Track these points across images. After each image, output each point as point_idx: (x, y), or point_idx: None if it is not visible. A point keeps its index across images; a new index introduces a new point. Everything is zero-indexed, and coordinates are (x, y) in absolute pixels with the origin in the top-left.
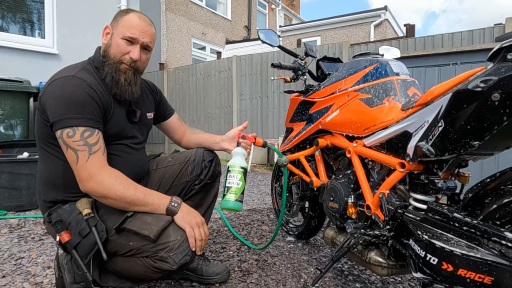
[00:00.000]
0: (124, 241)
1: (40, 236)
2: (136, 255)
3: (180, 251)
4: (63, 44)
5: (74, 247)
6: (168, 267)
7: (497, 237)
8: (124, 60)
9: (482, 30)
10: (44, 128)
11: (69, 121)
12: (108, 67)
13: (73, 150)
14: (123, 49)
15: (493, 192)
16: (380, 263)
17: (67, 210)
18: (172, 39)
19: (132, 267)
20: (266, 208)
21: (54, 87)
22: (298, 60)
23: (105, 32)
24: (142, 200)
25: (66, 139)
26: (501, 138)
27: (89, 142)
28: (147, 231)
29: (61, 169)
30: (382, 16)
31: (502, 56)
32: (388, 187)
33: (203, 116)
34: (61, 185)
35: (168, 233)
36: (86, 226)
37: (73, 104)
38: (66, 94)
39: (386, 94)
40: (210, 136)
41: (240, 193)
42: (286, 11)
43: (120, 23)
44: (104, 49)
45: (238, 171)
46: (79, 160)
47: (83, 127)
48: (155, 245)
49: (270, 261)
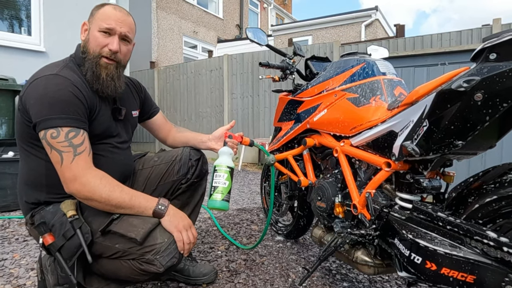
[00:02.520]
0: (110, 243)
1: (25, 237)
2: (122, 257)
3: (167, 253)
4: (50, 42)
5: (58, 250)
6: (154, 269)
7: (479, 236)
8: (103, 53)
9: (470, 31)
10: (25, 128)
11: (53, 121)
12: (88, 62)
13: (57, 151)
14: (101, 41)
15: (476, 191)
16: (366, 262)
17: (50, 211)
18: (163, 38)
19: (118, 269)
20: (255, 208)
21: (36, 86)
22: (286, 59)
23: (83, 29)
24: (128, 203)
25: (50, 140)
26: (484, 137)
27: (74, 143)
28: (133, 233)
29: (43, 169)
30: (373, 16)
31: (484, 56)
32: (374, 186)
33: (194, 115)
34: (43, 186)
35: (155, 235)
36: (70, 228)
37: (57, 104)
38: (49, 93)
39: (373, 94)
40: (197, 135)
41: (227, 193)
42: (278, 10)
43: (96, 16)
44: (83, 45)
45: (224, 170)
46: (63, 161)
47: (67, 128)
48: (141, 248)
49: (259, 260)
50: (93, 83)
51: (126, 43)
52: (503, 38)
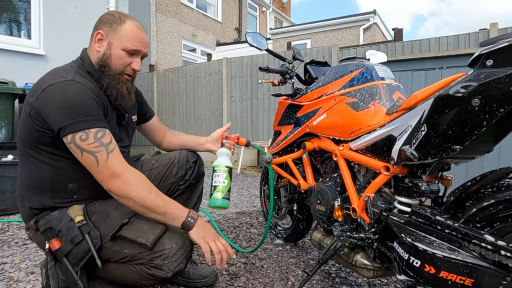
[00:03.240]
0: (119, 248)
1: (24, 241)
2: (131, 262)
3: (175, 259)
4: (50, 45)
5: (65, 255)
6: (163, 274)
7: (477, 240)
8: (127, 71)
9: (467, 35)
10: (35, 133)
11: (80, 124)
12: (111, 78)
13: (90, 152)
14: (125, 61)
15: (474, 195)
16: (366, 266)
17: (56, 216)
18: (162, 41)
19: (125, 274)
20: (255, 211)
21: (52, 92)
22: (286, 63)
23: (96, 38)
24: (162, 208)
25: (80, 143)
26: (482, 142)
27: (104, 142)
28: (144, 239)
29: (48, 174)
30: (371, 20)
31: (481, 62)
32: (373, 190)
33: (193, 118)
34: (47, 191)
35: (164, 241)
36: (78, 234)
37: (79, 108)
38: (69, 98)
39: (372, 98)
40: (194, 138)
41: (227, 191)
42: (277, 14)
43: (119, 33)
44: (101, 58)
45: (223, 170)
46: (99, 161)
47: (94, 129)
48: (150, 253)
49: (258, 264)
50: (116, 98)
51: (142, 60)
52: (499, 45)
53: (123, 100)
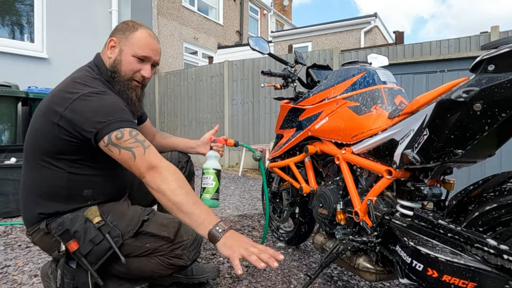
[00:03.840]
0: (140, 244)
1: (27, 244)
2: (151, 254)
3: (192, 248)
4: (53, 48)
5: (84, 255)
6: (183, 263)
7: (480, 244)
8: (136, 77)
9: (468, 38)
10: (58, 142)
11: (114, 124)
12: (120, 84)
13: (127, 149)
14: (135, 67)
15: (476, 199)
16: (368, 269)
17: (69, 218)
18: (164, 44)
19: (144, 266)
20: (257, 214)
21: (88, 102)
22: (288, 67)
23: (109, 45)
24: (190, 207)
25: (116, 141)
26: (484, 146)
27: (139, 139)
28: (166, 232)
29: (64, 181)
30: (372, 23)
31: (483, 67)
32: (375, 193)
33: (194, 121)
34: (63, 197)
35: (181, 233)
36: (99, 234)
37: (114, 111)
38: (105, 105)
39: (374, 102)
40: (185, 141)
41: (215, 192)
42: (278, 17)
43: (131, 40)
44: (112, 64)
45: (211, 172)
46: (136, 155)
47: (128, 128)
48: (172, 244)
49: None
50: (126, 104)
51: (153, 67)
52: (501, 50)
53: (133, 107)
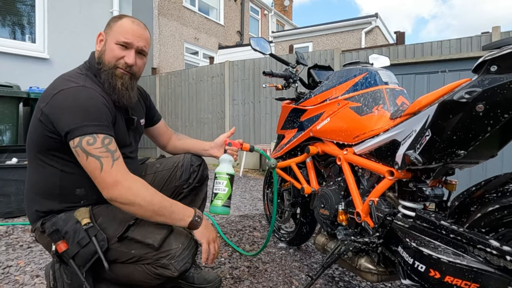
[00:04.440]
0: (126, 249)
1: (29, 244)
2: (137, 262)
3: (181, 258)
4: (54, 49)
5: (72, 257)
6: (169, 273)
7: (482, 245)
8: (119, 64)
9: (469, 39)
10: (45, 139)
11: (88, 128)
12: (104, 73)
13: (95, 157)
14: (117, 53)
15: (478, 200)
16: (370, 270)
17: (62, 219)
18: (164, 44)
19: (131, 274)
20: (258, 214)
21: (64, 97)
22: (289, 68)
23: (98, 39)
24: (169, 209)
25: (86, 147)
26: (486, 147)
27: (110, 149)
28: (151, 239)
29: (58, 179)
30: (373, 23)
31: (485, 68)
32: (377, 194)
33: (195, 121)
34: (57, 195)
35: (170, 241)
36: (85, 236)
37: (90, 112)
38: (80, 103)
39: (376, 103)
40: (199, 143)
41: (227, 199)
42: (279, 17)
43: (114, 28)
44: (98, 56)
45: (224, 177)
46: (103, 166)
47: (102, 134)
48: (157, 253)
49: (262, 267)
50: (110, 93)
51: (141, 56)
52: (504, 51)
53: (119, 96)
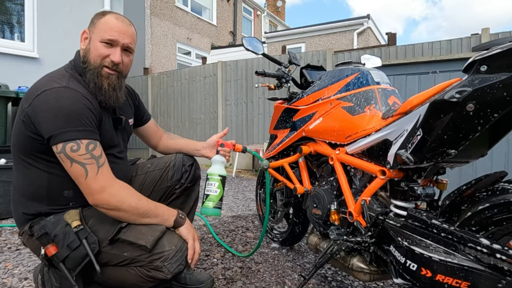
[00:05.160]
0: (118, 252)
1: (17, 246)
2: (130, 265)
3: (175, 260)
4: (44, 48)
5: (62, 260)
6: (163, 276)
7: (473, 243)
8: (105, 63)
9: (460, 40)
10: (28, 140)
11: (71, 134)
12: (90, 73)
13: (80, 164)
14: (103, 52)
15: (468, 199)
16: (362, 269)
17: (51, 221)
18: (156, 44)
19: (123, 277)
20: (250, 215)
21: (46, 99)
22: (282, 68)
23: (83, 37)
24: (154, 211)
25: (71, 154)
26: (476, 146)
27: (95, 154)
28: (143, 241)
29: (44, 181)
30: (365, 24)
31: (475, 68)
32: (369, 194)
33: (188, 121)
34: (44, 198)
35: (163, 243)
36: (76, 239)
37: (72, 117)
38: (63, 106)
39: (367, 103)
40: (190, 142)
41: (218, 200)
42: (272, 18)
43: (98, 26)
44: (83, 55)
45: (216, 179)
46: (88, 173)
47: (86, 140)
48: (150, 255)
49: (254, 268)
50: (96, 93)
51: (127, 53)
52: (493, 51)
53: (104, 96)
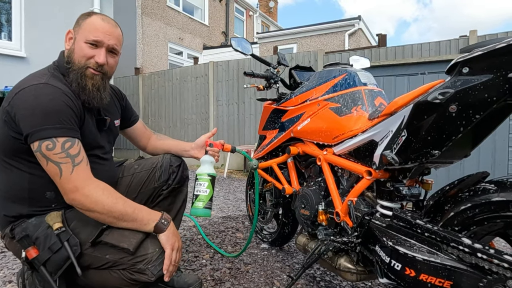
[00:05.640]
0: (100, 254)
1: (2, 249)
2: (112, 267)
3: (158, 263)
4: (32, 47)
5: (43, 263)
6: (146, 279)
7: (455, 243)
8: (89, 64)
9: (448, 42)
10: (11, 141)
11: (47, 131)
12: (73, 73)
13: (55, 163)
14: (87, 53)
15: (452, 199)
16: (349, 269)
17: (33, 224)
18: (148, 44)
19: (106, 280)
20: (241, 215)
21: (25, 96)
22: (270, 68)
23: (67, 37)
24: (131, 215)
25: (46, 152)
26: (459, 147)
27: (71, 153)
28: (126, 243)
29: (26, 182)
30: (356, 26)
31: (458, 70)
32: (356, 194)
33: (179, 122)
34: (26, 199)
35: (146, 245)
36: (57, 241)
37: (50, 114)
38: (41, 103)
39: (354, 104)
40: (179, 143)
41: (208, 200)
42: (264, 18)
43: (83, 26)
44: (67, 55)
45: (205, 179)
46: (62, 173)
47: (63, 138)
48: (133, 258)
49: (243, 269)
50: (79, 93)
51: (113, 55)
52: (474, 54)
53: (87, 96)
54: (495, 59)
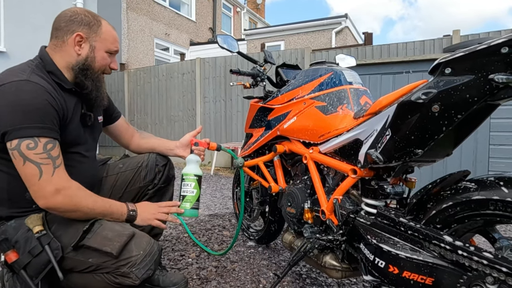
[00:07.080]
0: (82, 258)
1: None
2: (95, 271)
3: (143, 265)
4: (12, 42)
5: (23, 267)
6: (130, 282)
7: (437, 240)
8: (106, 70)
9: (432, 41)
10: None
11: (29, 130)
12: (94, 80)
13: (35, 163)
14: (108, 61)
15: (434, 197)
16: (334, 267)
17: (12, 226)
18: (133, 39)
19: (89, 283)
20: (228, 213)
21: (4, 93)
22: (257, 66)
23: (76, 40)
24: (109, 210)
25: (26, 151)
26: (442, 146)
27: (53, 155)
28: (109, 247)
29: (5, 183)
30: (342, 24)
31: (440, 70)
32: (341, 192)
33: (165, 119)
34: (5, 201)
35: (130, 248)
36: (37, 245)
37: (32, 112)
38: (22, 100)
39: (340, 103)
40: (164, 142)
41: (195, 201)
42: (251, 15)
43: (101, 35)
44: (83, 62)
45: (192, 179)
46: (43, 174)
47: (45, 138)
48: (117, 261)
49: (230, 267)
50: (98, 99)
51: None
52: (456, 55)
53: (103, 100)
54: (477, 60)
